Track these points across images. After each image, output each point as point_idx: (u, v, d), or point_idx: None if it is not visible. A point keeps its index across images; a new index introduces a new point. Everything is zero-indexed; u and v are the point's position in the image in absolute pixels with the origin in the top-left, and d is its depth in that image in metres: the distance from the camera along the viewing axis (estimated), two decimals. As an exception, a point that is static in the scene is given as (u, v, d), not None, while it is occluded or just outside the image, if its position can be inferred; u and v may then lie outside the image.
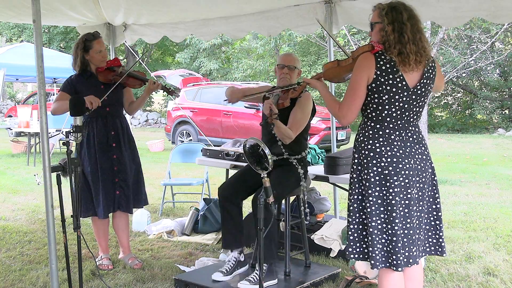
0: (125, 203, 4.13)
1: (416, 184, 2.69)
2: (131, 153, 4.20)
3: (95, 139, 4.02)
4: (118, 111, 4.20)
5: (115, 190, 4.08)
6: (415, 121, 2.74)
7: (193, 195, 6.72)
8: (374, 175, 2.66)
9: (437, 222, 2.81)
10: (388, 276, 2.70)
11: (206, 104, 12.83)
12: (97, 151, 4.02)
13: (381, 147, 2.66)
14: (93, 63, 4.06)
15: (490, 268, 4.08)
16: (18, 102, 24.75)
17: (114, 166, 4.07)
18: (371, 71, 2.63)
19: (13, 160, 11.16)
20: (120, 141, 4.11)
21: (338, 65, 2.86)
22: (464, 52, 16.38)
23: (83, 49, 4.02)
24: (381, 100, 2.65)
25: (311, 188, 4.94)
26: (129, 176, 4.12)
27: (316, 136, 11.35)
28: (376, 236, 2.65)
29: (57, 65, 10.81)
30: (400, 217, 2.63)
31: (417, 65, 2.63)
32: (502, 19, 4.13)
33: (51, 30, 23.88)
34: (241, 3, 4.82)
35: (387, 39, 2.62)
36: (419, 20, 2.67)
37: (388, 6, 2.66)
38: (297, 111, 3.77)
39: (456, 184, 8.03)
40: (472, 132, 18.02)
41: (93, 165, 4.01)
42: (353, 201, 2.77)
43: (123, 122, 4.19)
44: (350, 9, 4.69)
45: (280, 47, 21.16)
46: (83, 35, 4.13)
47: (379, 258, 2.66)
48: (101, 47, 4.07)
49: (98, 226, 4.21)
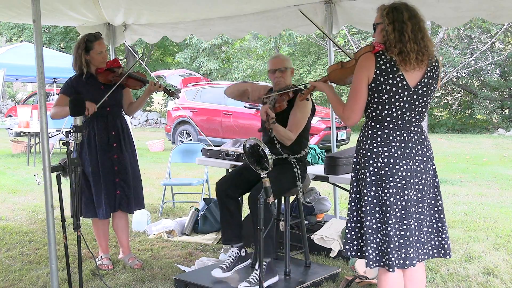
0: (126, 203, 4.13)
1: (415, 186, 2.68)
2: (131, 153, 4.21)
3: (96, 140, 4.02)
4: (118, 112, 4.21)
5: (116, 190, 4.08)
6: (417, 121, 2.73)
7: (193, 195, 6.72)
8: (370, 174, 2.67)
9: (439, 225, 2.79)
10: (386, 276, 2.71)
11: (206, 104, 12.83)
12: (98, 151, 4.03)
13: (378, 147, 2.67)
14: (93, 64, 4.06)
15: (490, 268, 4.08)
16: (18, 102, 24.75)
17: (114, 166, 4.07)
18: (370, 71, 2.64)
19: (13, 160, 11.16)
20: (121, 141, 4.12)
21: (342, 66, 2.88)
22: (464, 52, 16.39)
23: (84, 49, 4.02)
24: (381, 100, 2.65)
25: (311, 188, 4.94)
26: (129, 176, 4.13)
27: (316, 136, 11.35)
28: (370, 235, 2.67)
29: (57, 65, 10.81)
30: (394, 218, 2.63)
31: (419, 64, 2.63)
32: (502, 19, 4.13)
33: (51, 30, 23.89)
34: (241, 3, 4.82)
35: (388, 38, 2.63)
36: (422, 19, 2.68)
37: (389, 7, 2.69)
38: (296, 111, 3.76)
39: (456, 184, 8.03)
40: (472, 132, 18.02)
41: (94, 166, 4.01)
42: (351, 200, 2.80)
43: (123, 123, 4.20)
44: (350, 9, 4.69)
45: (280, 47, 21.16)
46: (84, 35, 4.13)
47: (373, 257, 2.67)
48: (102, 48, 4.07)
49: (98, 226, 4.22)
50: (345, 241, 2.80)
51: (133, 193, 4.16)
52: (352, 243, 2.77)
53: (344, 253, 2.81)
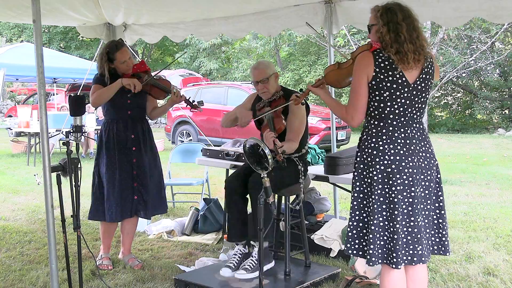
0: (143, 209, 4.08)
1: (421, 182, 2.70)
2: (152, 158, 4.13)
3: (114, 141, 3.97)
4: (140, 115, 4.14)
5: (134, 195, 4.03)
6: (418, 117, 2.75)
7: (193, 195, 6.72)
8: (377, 173, 2.67)
9: (440, 221, 2.81)
10: (390, 274, 2.71)
11: (206, 104, 12.70)
12: (117, 154, 3.97)
13: (384, 145, 2.67)
14: (119, 71, 4.02)
15: (490, 268, 4.08)
16: (18, 102, 24.74)
17: (133, 170, 4.01)
18: (369, 69, 2.64)
19: (13, 160, 11.16)
20: (141, 145, 4.05)
21: (339, 67, 2.87)
22: (464, 52, 16.39)
23: (107, 60, 3.98)
24: (382, 97, 2.66)
25: (311, 188, 4.94)
26: (149, 181, 4.06)
27: (316, 136, 11.35)
28: (377, 233, 2.67)
29: (57, 65, 10.81)
30: (402, 215, 2.64)
31: (416, 64, 2.65)
32: (502, 19, 4.13)
33: (51, 30, 23.90)
34: (241, 3, 4.81)
35: (384, 39, 2.65)
36: (416, 19, 2.69)
37: (383, 8, 2.69)
38: (292, 119, 3.74)
39: (456, 184, 8.03)
40: (472, 132, 18.01)
41: (110, 167, 3.96)
42: (354, 199, 2.79)
43: (144, 126, 4.12)
44: (350, 9, 4.69)
45: (280, 47, 21.17)
46: (105, 45, 4.08)
47: (378, 254, 2.67)
48: (125, 57, 3.99)
49: (106, 227, 4.17)
50: (346, 240, 2.80)
51: (152, 198, 4.08)
52: (354, 241, 2.77)
53: (345, 251, 2.81)
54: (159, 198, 4.18)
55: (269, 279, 3.70)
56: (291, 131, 3.73)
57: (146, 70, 4.12)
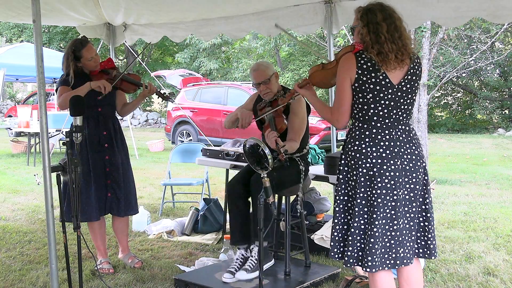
0: (116, 206, 4.05)
1: (406, 185, 2.67)
2: (125, 156, 4.12)
3: (86, 140, 3.93)
4: (111, 112, 4.12)
5: (107, 192, 4.01)
6: (404, 119, 2.71)
7: (193, 195, 6.72)
8: (361, 175, 2.65)
9: (426, 224, 2.77)
10: (377, 276, 2.69)
11: (206, 104, 12.83)
12: (89, 152, 3.94)
13: (367, 147, 2.65)
14: (87, 68, 3.99)
15: (490, 268, 4.08)
16: (18, 102, 24.75)
17: (106, 167, 3.99)
18: (352, 71, 2.62)
19: (13, 160, 11.16)
20: (113, 142, 4.04)
21: (323, 68, 2.85)
22: (464, 52, 16.37)
23: (73, 59, 3.93)
24: (366, 99, 2.64)
25: (311, 188, 4.94)
26: (121, 177, 4.05)
27: (316, 136, 11.35)
28: (357, 236, 2.65)
29: (57, 65, 10.76)
30: (382, 219, 2.61)
31: (399, 63, 2.62)
32: (502, 19, 4.13)
33: (51, 30, 23.88)
34: (241, 3, 4.81)
35: (364, 40, 2.63)
36: (398, 18, 2.65)
37: (363, 9, 2.69)
38: (293, 118, 3.75)
39: (456, 184, 8.03)
40: (472, 132, 18.02)
41: (85, 167, 3.91)
42: (338, 202, 2.77)
43: (115, 123, 4.11)
44: (350, 9, 4.67)
45: (280, 47, 21.15)
46: (70, 44, 3.99)
47: (353, 255, 2.66)
48: (91, 54, 3.94)
49: (94, 229, 4.14)
50: (332, 244, 2.78)
51: (124, 196, 4.06)
52: (339, 245, 2.75)
53: (330, 255, 2.80)
54: (132, 197, 4.13)
55: (269, 279, 3.71)
56: (292, 131, 3.73)
57: (114, 67, 4.09)
